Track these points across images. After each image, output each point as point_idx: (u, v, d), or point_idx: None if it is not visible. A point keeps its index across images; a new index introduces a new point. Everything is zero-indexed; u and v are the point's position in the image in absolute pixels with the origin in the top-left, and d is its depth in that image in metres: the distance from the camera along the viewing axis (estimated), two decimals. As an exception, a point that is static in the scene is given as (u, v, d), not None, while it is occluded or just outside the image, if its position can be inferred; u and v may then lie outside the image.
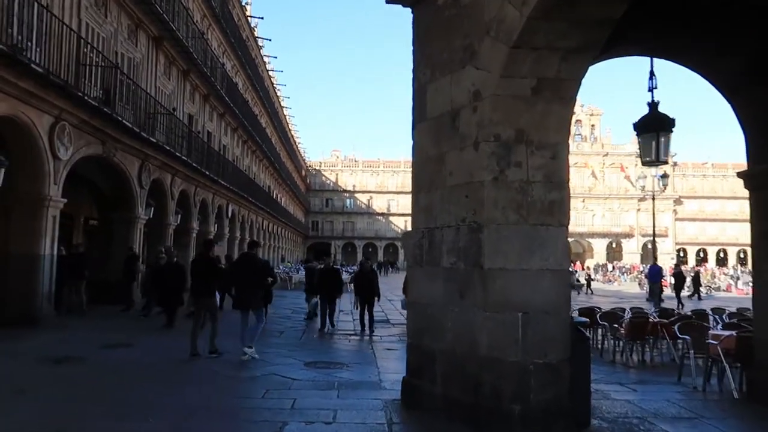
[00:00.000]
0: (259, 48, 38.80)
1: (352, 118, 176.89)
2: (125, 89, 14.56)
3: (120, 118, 13.12)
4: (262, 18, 48.16)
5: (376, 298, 12.61)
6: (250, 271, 8.74)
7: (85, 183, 17.66)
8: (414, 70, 6.37)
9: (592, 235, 78.69)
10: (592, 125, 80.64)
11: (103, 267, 15.87)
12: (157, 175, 17.90)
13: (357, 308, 12.60)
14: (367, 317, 12.37)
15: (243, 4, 33.92)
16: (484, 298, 5.05)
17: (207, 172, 21.53)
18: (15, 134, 10.90)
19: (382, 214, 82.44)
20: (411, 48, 6.44)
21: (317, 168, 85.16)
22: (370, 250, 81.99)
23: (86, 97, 11.62)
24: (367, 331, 12.15)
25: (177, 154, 17.55)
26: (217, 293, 9.60)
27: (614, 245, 78.84)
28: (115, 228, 16.25)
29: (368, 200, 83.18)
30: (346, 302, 16.62)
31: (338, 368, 8.35)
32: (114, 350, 9.22)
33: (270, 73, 43.39)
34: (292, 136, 60.73)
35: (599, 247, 77.70)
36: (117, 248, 16.06)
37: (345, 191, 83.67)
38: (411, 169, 6.42)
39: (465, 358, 5.19)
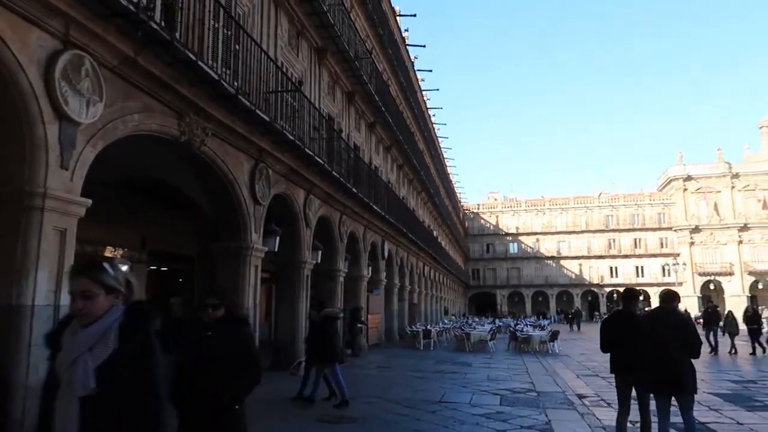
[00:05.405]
0: (419, 80, 34.09)
1: (507, 158, 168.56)
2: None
3: (193, 58, 7.25)
4: (424, 46, 43.26)
5: None
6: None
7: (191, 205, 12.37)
8: None
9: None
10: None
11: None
12: (283, 188, 12.10)
13: None
14: None
15: (403, 33, 29.24)
16: None
17: (356, 191, 15.51)
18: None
19: (552, 258, 72.38)
20: None
21: (475, 211, 78.07)
22: (540, 299, 72.21)
23: None
24: None
25: (309, 152, 11.61)
26: None
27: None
28: (218, 265, 10.51)
29: (535, 243, 73.82)
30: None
31: None
32: None
33: (429, 108, 38.45)
34: (449, 175, 54.61)
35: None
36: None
37: (507, 234, 75.27)
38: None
39: None
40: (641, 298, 7.01)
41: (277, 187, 11.73)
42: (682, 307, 40.29)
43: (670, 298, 6.18)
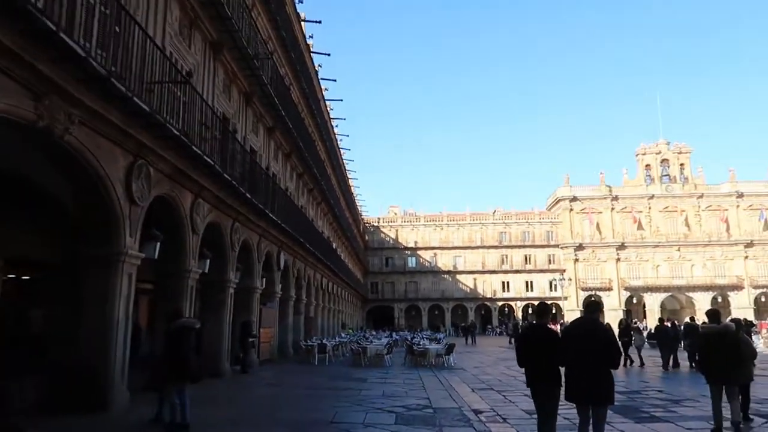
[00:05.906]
0: (322, 89, 33.80)
1: (407, 172, 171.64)
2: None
3: (53, 28, 6.21)
4: (328, 54, 43.24)
5: None
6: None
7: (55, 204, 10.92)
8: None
9: (693, 288, 68.16)
10: (681, 164, 71.55)
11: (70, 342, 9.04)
12: (167, 189, 11.01)
13: None
14: None
15: (308, 39, 28.51)
16: None
17: (251, 197, 14.58)
18: None
19: (448, 272, 74.04)
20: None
21: (375, 224, 78.33)
22: (437, 313, 73.48)
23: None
24: None
25: (197, 150, 10.62)
26: None
27: (719, 299, 67.60)
28: (86, 275, 9.26)
29: (432, 257, 75.22)
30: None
31: None
32: None
33: (332, 118, 38.34)
34: (351, 187, 54.33)
35: (702, 302, 66.31)
36: (91, 309, 9.11)
37: (406, 248, 76.08)
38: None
39: None
40: (553, 311, 6.90)
41: (159, 188, 10.63)
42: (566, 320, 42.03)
43: (592, 308, 6.11)
